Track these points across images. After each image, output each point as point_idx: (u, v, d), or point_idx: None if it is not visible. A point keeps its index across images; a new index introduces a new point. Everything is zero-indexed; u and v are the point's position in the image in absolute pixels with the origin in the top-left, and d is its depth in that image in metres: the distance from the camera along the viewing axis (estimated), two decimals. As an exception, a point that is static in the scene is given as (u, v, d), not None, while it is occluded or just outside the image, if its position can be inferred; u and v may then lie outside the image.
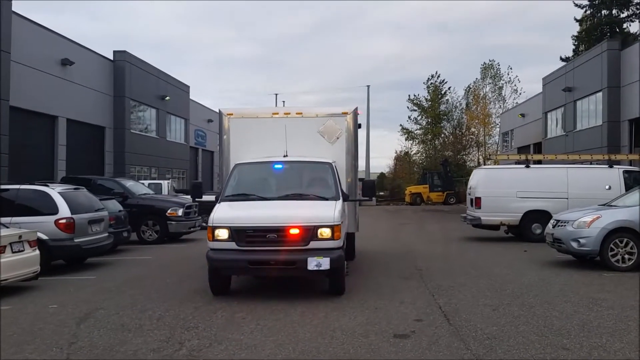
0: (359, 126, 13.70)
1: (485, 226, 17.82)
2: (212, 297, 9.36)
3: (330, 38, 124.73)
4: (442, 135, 61.49)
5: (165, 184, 25.34)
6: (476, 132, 60.42)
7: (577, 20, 46.19)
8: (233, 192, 10.08)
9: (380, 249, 15.69)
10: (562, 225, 12.34)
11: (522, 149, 45.87)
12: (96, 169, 29.45)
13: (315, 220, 8.93)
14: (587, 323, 7.45)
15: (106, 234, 13.76)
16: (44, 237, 12.00)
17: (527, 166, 17.81)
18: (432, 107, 60.44)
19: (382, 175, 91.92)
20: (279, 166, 10.52)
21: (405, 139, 63.10)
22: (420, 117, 61.46)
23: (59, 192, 12.63)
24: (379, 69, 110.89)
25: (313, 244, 8.84)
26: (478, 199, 17.50)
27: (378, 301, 8.89)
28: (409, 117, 61.71)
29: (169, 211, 18.09)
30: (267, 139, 10.95)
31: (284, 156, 10.60)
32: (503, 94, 59.08)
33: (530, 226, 17.00)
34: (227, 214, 9.25)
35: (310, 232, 8.83)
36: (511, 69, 75.37)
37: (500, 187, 17.22)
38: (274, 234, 8.86)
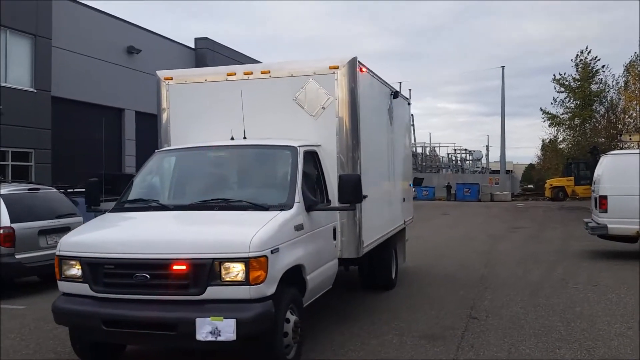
0: (395, 95, 9.38)
1: (614, 237, 12.42)
2: (80, 366, 5.83)
3: (471, 25, 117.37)
4: (594, 119, 52.96)
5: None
6: (635, 114, 51.21)
7: None
8: (132, 197, 6.39)
9: (448, 271, 11.10)
10: None
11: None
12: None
13: (215, 248, 4.99)
14: None
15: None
16: (-20, 251, 9.45)
17: (679, 151, 12.06)
18: (582, 87, 52.16)
19: (530, 166, 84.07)
20: (214, 154, 6.69)
21: (549, 125, 55.50)
22: (567, 99, 53.54)
23: (1, 195, 9.86)
24: (528, 53, 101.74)
25: (211, 292, 4.94)
26: (603, 199, 12.16)
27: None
28: (554, 99, 54.00)
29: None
30: (221, 113, 7.24)
31: (232, 139, 6.78)
32: (669, 70, 49.26)
33: (683, 239, 11.43)
34: (82, 236, 5.61)
35: (206, 271, 4.93)
36: (678, 38, 63.54)
37: (635, 181, 11.74)
38: (146, 272, 5.06)
